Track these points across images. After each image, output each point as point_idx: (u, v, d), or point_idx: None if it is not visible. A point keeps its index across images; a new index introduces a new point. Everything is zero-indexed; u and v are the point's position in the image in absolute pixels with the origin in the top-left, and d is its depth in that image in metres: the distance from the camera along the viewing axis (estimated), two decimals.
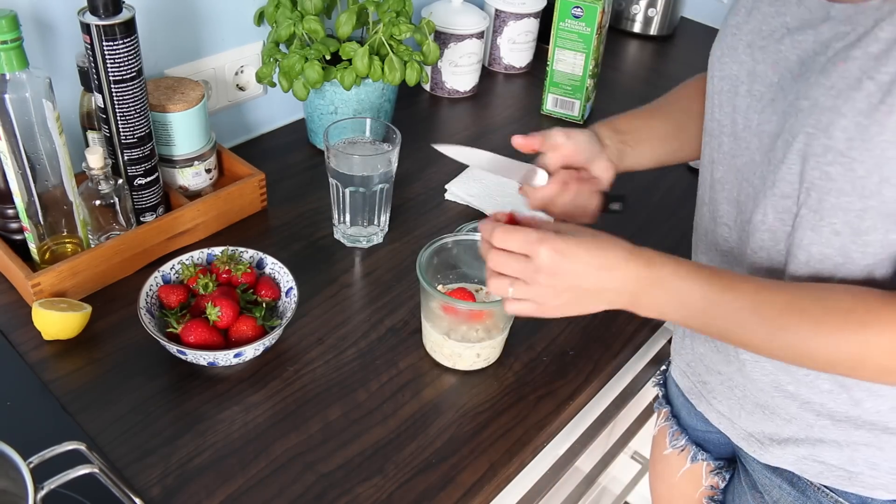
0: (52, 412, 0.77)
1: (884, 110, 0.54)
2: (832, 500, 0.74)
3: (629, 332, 0.93)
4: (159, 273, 0.85)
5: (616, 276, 0.62)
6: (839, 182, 0.58)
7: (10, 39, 0.74)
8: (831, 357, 0.59)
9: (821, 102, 0.58)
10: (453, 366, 0.85)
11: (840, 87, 0.57)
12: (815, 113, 0.59)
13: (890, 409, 0.67)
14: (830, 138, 0.58)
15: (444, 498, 0.73)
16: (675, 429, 0.95)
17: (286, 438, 0.76)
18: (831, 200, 0.60)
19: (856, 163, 0.57)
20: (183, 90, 0.98)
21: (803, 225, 0.63)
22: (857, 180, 0.57)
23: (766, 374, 0.73)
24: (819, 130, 0.58)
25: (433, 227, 1.07)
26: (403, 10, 1.10)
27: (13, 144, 0.79)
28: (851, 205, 0.59)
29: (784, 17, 0.64)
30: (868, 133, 0.55)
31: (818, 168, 0.59)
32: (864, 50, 0.56)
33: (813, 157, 0.59)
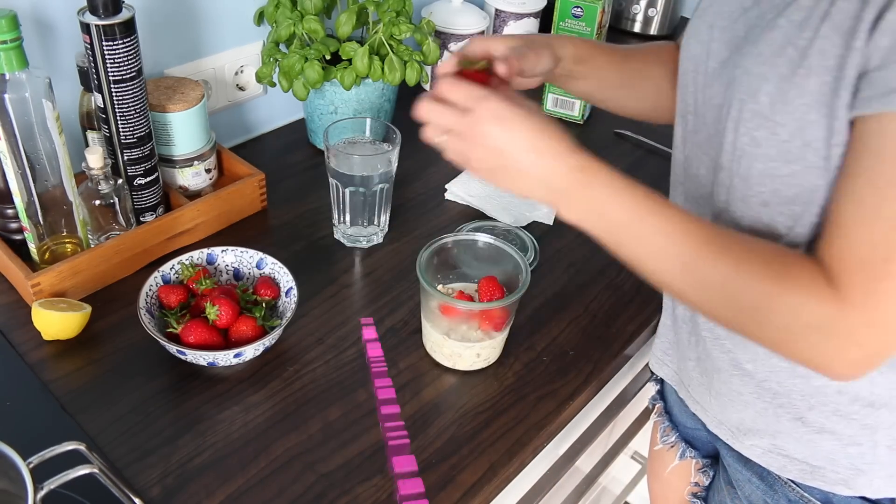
0: (52, 412, 0.77)
1: (801, 73, 0.56)
2: (798, 495, 0.76)
3: (629, 332, 0.93)
4: (159, 273, 0.85)
5: (545, 163, 0.61)
6: (764, 147, 0.60)
7: (9, 39, 0.74)
8: (742, 301, 0.58)
9: (751, 70, 0.60)
10: (453, 366, 0.85)
11: (766, 55, 0.59)
12: (745, 80, 0.61)
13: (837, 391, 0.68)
14: (757, 103, 0.60)
15: (444, 498, 0.73)
16: (666, 425, 0.96)
17: (286, 438, 0.76)
18: (758, 167, 0.61)
19: (779, 126, 0.59)
20: (183, 90, 0.98)
21: (735, 196, 0.64)
22: (782, 144, 0.59)
23: (725, 352, 0.74)
24: (748, 96, 0.60)
25: (433, 227, 1.07)
26: (403, 9, 1.10)
27: (13, 144, 0.79)
28: (777, 170, 0.60)
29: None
30: (788, 96, 0.57)
31: (747, 133, 0.61)
32: (788, 18, 0.58)
33: (742, 124, 0.62)
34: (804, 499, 0.75)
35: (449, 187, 1.13)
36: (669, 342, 0.87)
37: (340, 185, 0.96)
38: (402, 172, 1.13)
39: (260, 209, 1.06)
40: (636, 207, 0.60)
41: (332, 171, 0.96)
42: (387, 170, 0.96)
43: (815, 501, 0.75)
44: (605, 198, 0.60)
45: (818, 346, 0.56)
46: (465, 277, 0.89)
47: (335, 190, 0.98)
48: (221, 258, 0.90)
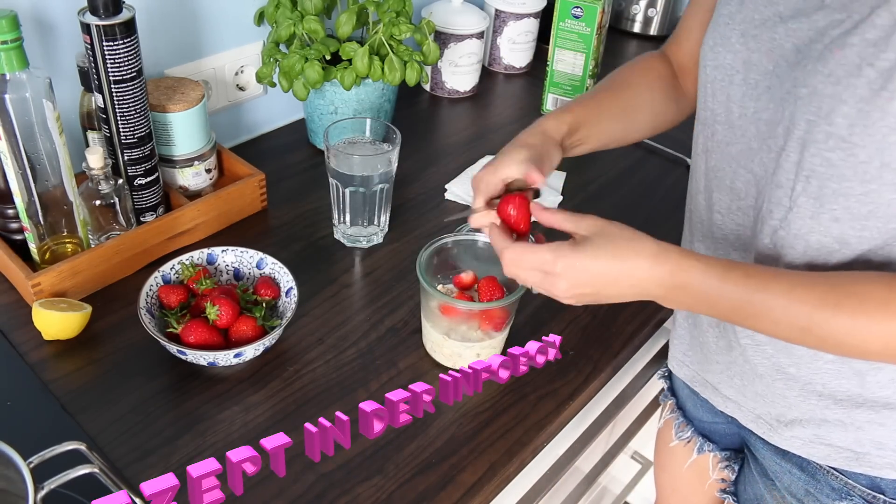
0: (52, 412, 0.77)
1: (885, 96, 0.55)
2: (842, 483, 0.75)
3: (629, 332, 0.93)
4: (159, 273, 0.85)
5: (637, 284, 0.63)
6: (840, 168, 0.59)
7: (10, 39, 0.74)
8: (867, 346, 0.59)
9: (819, 90, 0.59)
10: (453, 366, 0.85)
11: (839, 75, 0.58)
12: (814, 100, 0.59)
13: (890, 380, 0.68)
14: (832, 125, 0.58)
15: (444, 498, 0.73)
16: (680, 420, 0.96)
17: None
18: (832, 186, 0.61)
19: (857, 148, 0.58)
20: (183, 90, 0.99)
21: (801, 214, 0.63)
22: (859, 165, 0.58)
23: (767, 358, 0.74)
24: (820, 118, 0.59)
25: (433, 227, 1.07)
26: (403, 10, 1.10)
27: (13, 144, 0.79)
28: (852, 189, 0.60)
29: (777, 6, 0.64)
30: (870, 119, 0.56)
31: (819, 155, 0.60)
32: (862, 37, 0.57)
33: (813, 144, 0.60)
34: (849, 485, 0.75)
35: (449, 187, 1.13)
36: (688, 345, 0.87)
37: (340, 185, 0.96)
38: (402, 172, 1.13)
39: (260, 209, 1.06)
40: (739, 294, 0.61)
41: (332, 171, 0.96)
42: (387, 170, 0.96)
43: (860, 487, 0.74)
44: (705, 294, 0.62)
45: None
46: None
47: (335, 190, 0.98)
48: (221, 258, 0.90)
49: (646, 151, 1.27)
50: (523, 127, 0.78)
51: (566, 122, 0.78)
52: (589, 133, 0.81)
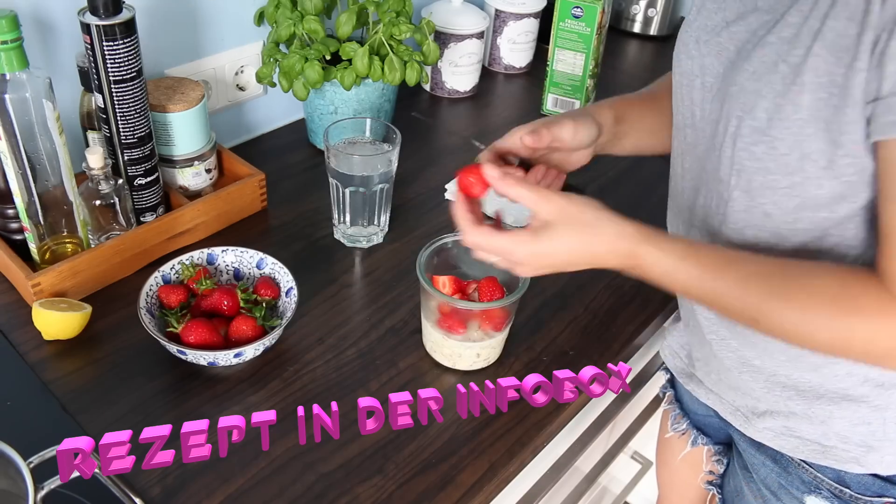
0: (52, 412, 0.77)
1: (795, 90, 0.58)
2: (811, 476, 0.77)
3: (629, 332, 0.93)
4: (159, 273, 0.85)
5: (595, 262, 0.67)
6: (764, 161, 0.62)
7: (10, 39, 0.74)
8: (815, 340, 0.61)
9: (746, 86, 0.62)
10: (453, 366, 0.85)
11: (760, 71, 0.61)
12: (741, 97, 0.63)
13: (846, 374, 0.69)
14: (755, 119, 0.62)
15: (444, 498, 0.73)
16: (676, 412, 0.97)
17: (286, 438, 0.76)
18: (759, 179, 0.64)
19: (777, 141, 0.61)
20: (183, 90, 0.99)
21: (735, 207, 0.67)
22: (781, 158, 0.61)
23: (732, 352, 0.76)
24: (745, 112, 0.62)
25: (433, 227, 1.07)
26: (403, 10, 1.10)
27: (13, 144, 0.79)
28: (777, 182, 0.62)
29: (724, 11, 0.68)
30: (784, 112, 0.59)
31: (745, 149, 0.63)
32: (778, 35, 0.60)
33: (740, 139, 0.63)
34: (817, 479, 0.76)
35: (449, 187, 1.13)
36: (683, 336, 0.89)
37: (340, 185, 0.96)
38: (402, 172, 1.13)
39: (260, 209, 1.06)
40: (691, 277, 0.64)
41: (332, 171, 0.96)
42: (387, 170, 0.96)
43: (827, 480, 0.76)
44: (662, 274, 0.65)
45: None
46: (465, 277, 0.89)
47: (335, 190, 0.98)
48: (221, 258, 0.90)
49: None
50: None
51: (609, 107, 0.81)
52: (629, 126, 0.83)
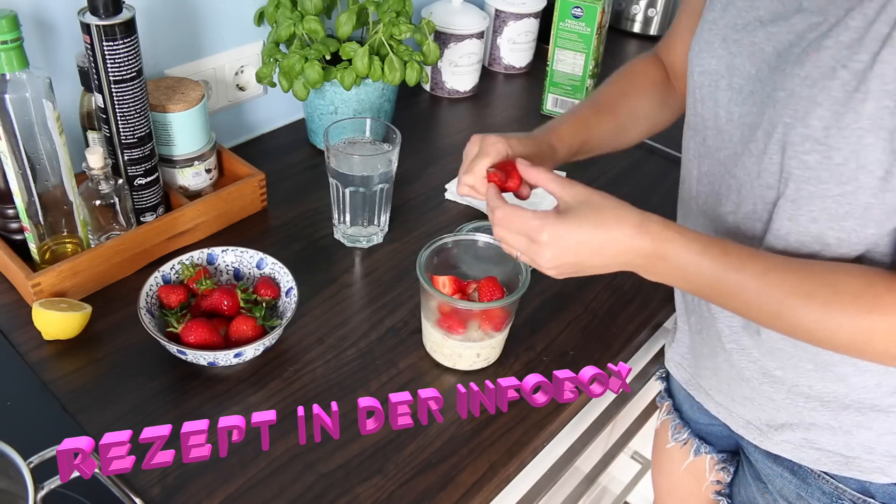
0: (52, 412, 0.77)
1: (858, 98, 0.56)
2: (832, 487, 0.75)
3: (629, 332, 0.93)
4: (159, 273, 0.85)
5: (619, 253, 0.64)
6: (817, 170, 0.60)
7: (10, 39, 0.74)
8: (835, 338, 0.59)
9: (797, 92, 0.59)
10: (453, 366, 0.85)
11: (815, 77, 0.58)
12: (791, 103, 0.60)
13: (876, 384, 0.68)
14: (808, 127, 0.59)
15: (444, 498, 0.73)
16: (677, 422, 0.95)
17: (286, 438, 0.76)
18: (809, 189, 0.61)
19: (832, 150, 0.58)
20: (183, 90, 0.99)
21: (780, 215, 0.64)
22: (835, 168, 0.59)
23: (752, 362, 0.75)
24: (796, 120, 0.59)
25: (433, 227, 1.07)
26: (403, 10, 1.10)
27: (13, 144, 0.79)
28: (828, 191, 0.60)
29: (758, 10, 0.65)
30: (844, 121, 0.57)
31: (796, 157, 0.60)
32: (836, 39, 0.57)
33: (790, 147, 0.61)
34: (839, 490, 0.75)
35: (449, 187, 1.13)
36: (687, 347, 0.87)
37: (340, 185, 0.96)
38: (402, 172, 1.13)
39: (260, 209, 1.06)
40: (716, 269, 0.62)
41: (332, 171, 0.96)
42: (387, 170, 0.96)
43: (850, 491, 0.74)
44: (683, 266, 0.63)
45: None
46: (465, 277, 0.89)
47: (335, 190, 0.98)
48: (221, 258, 0.90)
49: (645, 151, 1.27)
50: (523, 127, 0.78)
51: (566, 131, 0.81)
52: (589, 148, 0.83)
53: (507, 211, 0.67)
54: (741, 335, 0.75)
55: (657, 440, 1.06)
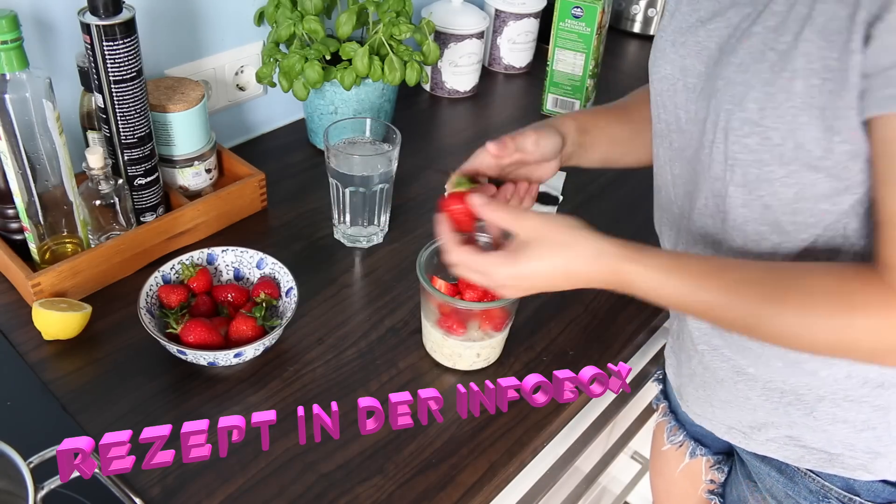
0: (52, 412, 0.77)
1: (786, 77, 0.57)
2: (819, 485, 0.76)
3: (629, 332, 0.93)
4: (159, 273, 0.85)
5: (581, 278, 0.65)
6: (759, 153, 0.61)
7: (10, 39, 0.74)
8: (818, 343, 0.58)
9: (733, 79, 0.61)
10: (453, 366, 0.85)
11: (747, 62, 0.60)
12: (729, 89, 0.62)
13: (846, 376, 0.68)
14: (745, 110, 0.60)
15: (444, 498, 0.73)
16: (672, 424, 0.95)
17: (286, 438, 0.76)
18: (754, 172, 0.62)
19: (770, 130, 0.59)
20: (183, 90, 0.99)
21: (734, 203, 0.65)
22: (775, 148, 0.60)
23: (724, 361, 0.75)
24: (734, 105, 0.61)
25: (433, 227, 1.06)
26: (403, 10, 1.10)
27: (13, 144, 0.79)
28: (773, 173, 0.61)
29: (698, 11, 0.67)
30: (776, 100, 0.58)
31: (738, 142, 0.62)
32: (763, 25, 0.60)
33: (732, 132, 0.62)
34: (825, 488, 0.75)
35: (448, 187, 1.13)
36: (671, 350, 0.88)
37: (340, 185, 0.96)
38: (402, 172, 1.13)
39: (260, 209, 1.06)
40: (680, 293, 0.62)
41: (332, 171, 0.96)
42: (387, 170, 0.96)
43: (836, 489, 0.75)
44: (649, 288, 0.63)
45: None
46: None
47: (335, 190, 0.98)
48: (221, 258, 0.90)
49: None
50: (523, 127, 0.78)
51: (573, 118, 0.81)
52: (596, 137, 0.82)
53: (458, 257, 0.68)
54: (711, 336, 0.75)
55: (654, 443, 1.06)
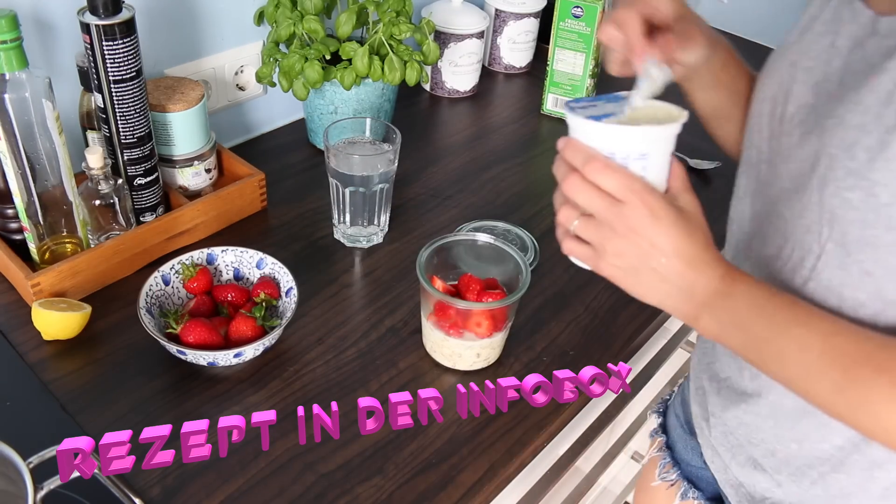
0: (52, 412, 0.77)
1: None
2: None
3: (629, 332, 0.93)
4: (159, 273, 0.85)
5: (690, 273, 0.55)
6: (861, 210, 0.52)
7: (9, 39, 0.74)
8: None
9: (846, 120, 0.53)
10: (453, 366, 0.85)
11: (869, 103, 0.51)
12: (839, 132, 0.53)
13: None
14: (853, 159, 0.52)
15: (444, 498, 0.73)
16: (667, 461, 0.91)
17: (286, 438, 0.76)
18: (855, 233, 0.53)
19: (878, 186, 0.51)
20: (183, 90, 0.98)
21: (830, 263, 0.56)
22: (882, 209, 0.51)
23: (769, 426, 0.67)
24: (842, 151, 0.53)
25: (433, 227, 1.07)
26: (403, 9, 1.10)
27: (13, 144, 0.79)
28: (878, 239, 0.52)
29: (834, 35, 0.58)
30: (891, 150, 0.49)
31: (837, 194, 0.53)
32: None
33: (833, 182, 0.53)
34: None
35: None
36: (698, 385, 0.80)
37: (340, 185, 0.96)
38: (402, 172, 1.13)
39: (260, 209, 1.06)
40: (779, 319, 0.54)
41: (332, 171, 0.96)
42: (387, 170, 0.96)
43: None
44: (746, 309, 0.54)
45: None
46: None
47: (335, 190, 0.98)
48: (221, 258, 0.90)
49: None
50: (523, 127, 0.77)
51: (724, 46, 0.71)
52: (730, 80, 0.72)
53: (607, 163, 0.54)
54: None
55: (643, 478, 1.02)
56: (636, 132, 0.53)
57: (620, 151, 0.54)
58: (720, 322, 0.56)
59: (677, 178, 0.57)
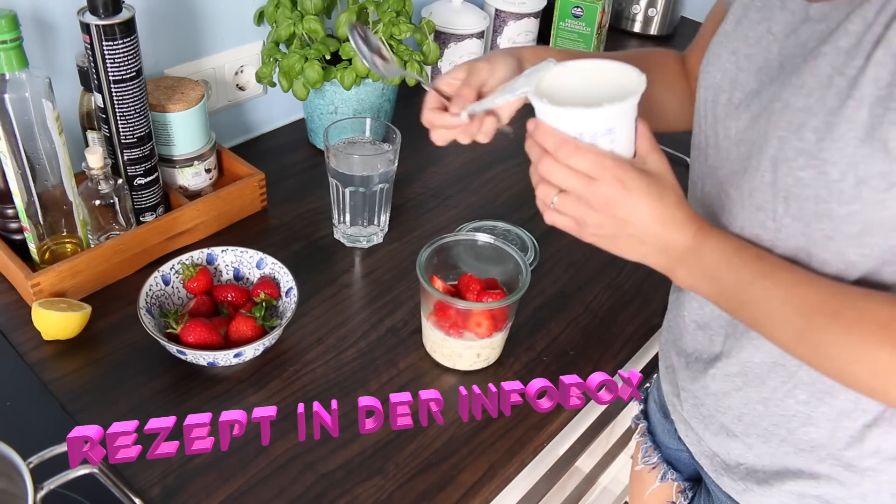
0: (52, 412, 0.77)
1: (852, 105, 0.52)
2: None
3: (629, 332, 0.93)
4: (159, 273, 0.85)
5: (667, 234, 0.59)
6: (814, 188, 0.55)
7: (9, 39, 0.74)
8: (856, 368, 0.54)
9: (791, 103, 0.56)
10: (453, 366, 0.85)
11: (811, 86, 0.55)
12: (786, 114, 0.56)
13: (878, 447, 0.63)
14: (802, 140, 0.55)
15: (444, 498, 0.73)
16: (648, 445, 0.94)
17: (286, 438, 0.76)
18: (811, 207, 0.56)
19: (827, 164, 0.54)
20: (183, 90, 0.98)
21: (792, 234, 0.59)
22: (833, 184, 0.54)
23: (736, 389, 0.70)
24: (790, 133, 0.56)
25: (433, 227, 1.07)
26: (403, 9, 1.10)
27: (13, 144, 0.79)
28: (833, 211, 0.55)
29: (769, 21, 0.62)
30: (837, 131, 0.53)
31: (791, 174, 0.56)
32: (834, 45, 0.54)
33: (784, 163, 0.57)
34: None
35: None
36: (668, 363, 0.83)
37: (340, 185, 0.96)
38: (402, 172, 1.13)
39: (260, 209, 1.06)
40: (747, 271, 0.58)
41: (332, 171, 0.96)
42: (387, 170, 0.96)
43: None
44: (717, 262, 0.59)
45: None
46: None
47: (335, 190, 0.98)
48: (221, 258, 0.90)
49: None
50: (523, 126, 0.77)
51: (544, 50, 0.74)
52: None
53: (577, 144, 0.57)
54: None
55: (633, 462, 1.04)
56: (600, 113, 0.56)
57: (588, 131, 0.58)
58: (693, 275, 0.60)
59: (644, 139, 0.60)
